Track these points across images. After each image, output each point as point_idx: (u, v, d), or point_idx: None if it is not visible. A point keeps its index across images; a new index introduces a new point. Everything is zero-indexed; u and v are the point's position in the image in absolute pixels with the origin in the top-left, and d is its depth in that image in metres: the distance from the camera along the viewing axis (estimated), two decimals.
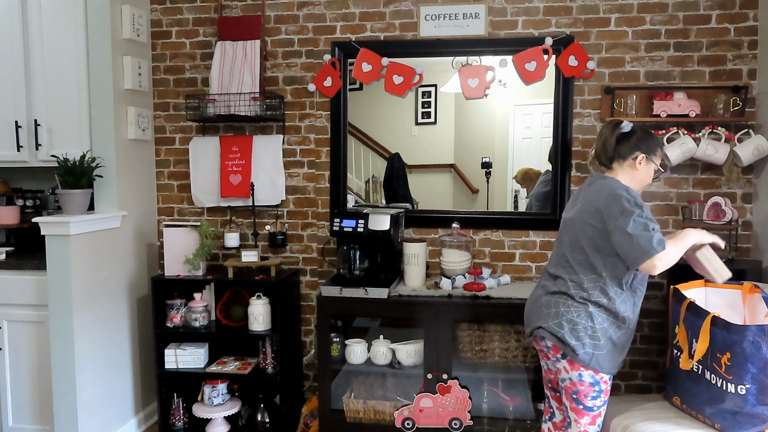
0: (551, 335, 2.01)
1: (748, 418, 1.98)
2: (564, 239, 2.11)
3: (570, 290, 2.03)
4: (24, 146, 3.03)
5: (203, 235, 3.02)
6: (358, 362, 2.83)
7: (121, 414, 3.06)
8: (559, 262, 2.11)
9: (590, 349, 1.96)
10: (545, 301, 2.08)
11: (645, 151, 2.06)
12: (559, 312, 2.02)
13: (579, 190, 2.17)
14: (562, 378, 2.04)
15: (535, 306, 2.13)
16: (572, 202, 2.17)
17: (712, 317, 2.05)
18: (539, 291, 2.17)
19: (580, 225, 2.03)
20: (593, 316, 1.98)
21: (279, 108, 3.14)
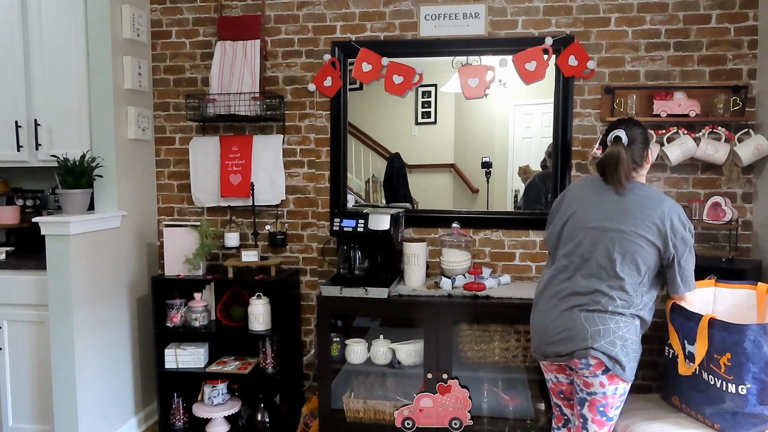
0: (603, 355, 1.90)
1: (749, 418, 1.98)
2: (602, 250, 1.95)
3: (618, 304, 1.92)
4: (24, 146, 3.03)
5: (203, 234, 3.02)
6: (358, 362, 2.83)
7: (121, 414, 3.06)
8: (597, 275, 1.95)
9: (633, 363, 1.94)
10: (587, 318, 1.94)
11: (647, 143, 2.06)
12: (609, 329, 1.91)
13: (596, 191, 2.04)
14: (592, 391, 1.96)
15: (572, 324, 1.95)
16: (605, 211, 1.99)
17: (708, 319, 2.04)
18: (570, 305, 1.98)
19: (634, 239, 1.92)
20: (638, 330, 1.97)
21: (279, 108, 3.14)
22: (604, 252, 1.95)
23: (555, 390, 2.19)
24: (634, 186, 2.00)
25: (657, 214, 1.93)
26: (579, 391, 2.01)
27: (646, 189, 2.02)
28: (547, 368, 2.15)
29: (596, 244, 1.97)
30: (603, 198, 2.02)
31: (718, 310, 2.32)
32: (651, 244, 1.92)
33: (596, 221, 1.99)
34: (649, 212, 1.93)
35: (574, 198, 2.10)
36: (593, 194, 2.05)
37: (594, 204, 2.03)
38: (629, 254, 1.92)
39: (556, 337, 1.99)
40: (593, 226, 1.99)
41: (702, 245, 2.87)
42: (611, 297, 1.93)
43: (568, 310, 1.98)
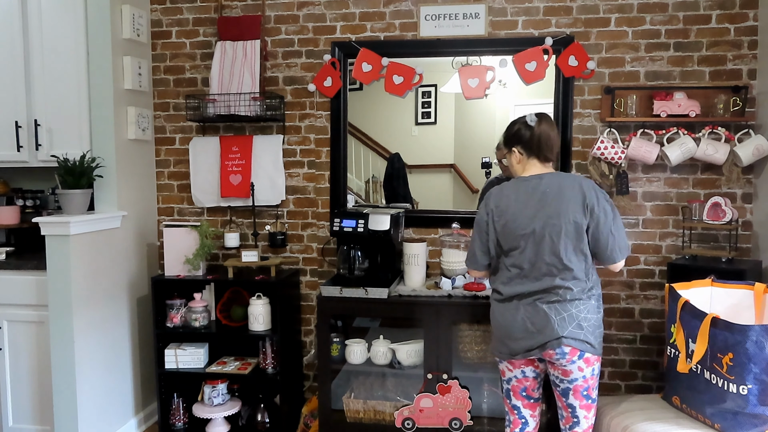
0: (574, 341, 1.98)
1: (749, 419, 1.98)
2: (546, 249, 2.01)
3: (575, 292, 2.00)
4: (24, 146, 3.03)
5: (203, 235, 3.02)
6: (358, 362, 2.83)
7: (121, 414, 3.06)
8: (548, 272, 2.01)
9: (600, 338, 2.04)
10: (550, 309, 2.00)
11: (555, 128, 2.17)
12: (572, 315, 1.99)
13: (533, 192, 2.06)
14: (573, 378, 2.03)
15: (538, 317, 2.01)
16: (531, 206, 2.05)
17: (711, 318, 2.05)
18: (531, 301, 2.04)
19: (567, 224, 1.99)
20: (596, 308, 2.05)
21: (279, 108, 3.14)
22: (548, 250, 2.01)
23: (517, 389, 2.19)
24: (558, 175, 2.10)
25: (575, 193, 2.01)
26: (559, 382, 2.07)
27: (574, 175, 2.12)
28: (513, 365, 2.14)
29: (538, 245, 2.02)
30: (523, 199, 2.07)
31: (716, 309, 2.32)
32: (578, 223, 1.99)
33: (529, 225, 2.03)
34: (569, 195, 2.01)
35: (497, 209, 2.11)
36: (513, 199, 2.09)
37: (520, 208, 2.07)
38: (570, 243, 1.99)
39: (523, 333, 2.04)
40: (529, 231, 2.03)
41: (702, 245, 2.88)
42: (567, 288, 2.00)
43: (530, 305, 2.04)
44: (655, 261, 2.96)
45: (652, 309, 2.98)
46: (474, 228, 2.20)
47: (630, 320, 3.00)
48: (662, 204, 2.95)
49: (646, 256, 2.97)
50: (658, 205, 2.95)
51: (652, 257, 2.96)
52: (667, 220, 2.95)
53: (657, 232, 2.96)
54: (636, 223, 2.97)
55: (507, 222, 2.07)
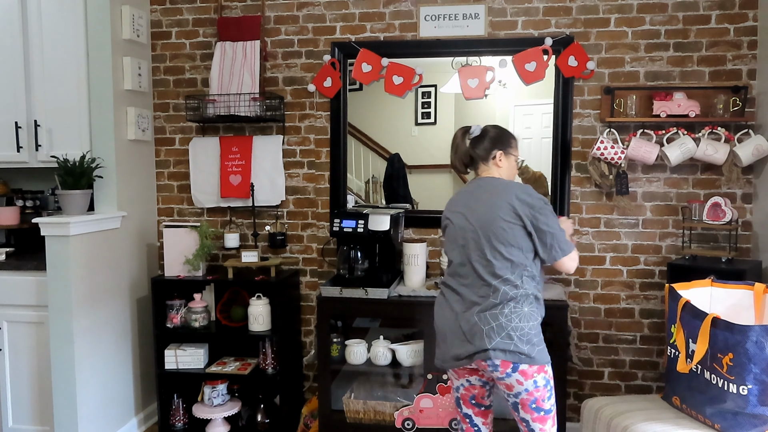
0: (502, 352, 1.90)
1: (749, 419, 1.98)
2: (474, 253, 2.00)
3: (506, 296, 1.94)
4: (24, 147, 3.03)
5: (203, 235, 3.02)
6: (358, 362, 2.82)
7: (121, 414, 3.06)
8: (480, 278, 1.98)
9: (539, 346, 1.94)
10: (481, 319, 1.94)
11: (500, 146, 2.13)
12: (501, 325, 1.91)
13: (460, 195, 2.12)
14: (516, 392, 1.96)
15: (470, 326, 1.95)
16: (460, 209, 2.08)
17: (712, 318, 2.04)
18: (465, 311, 1.98)
19: (494, 226, 1.97)
20: (531, 314, 1.96)
21: (279, 108, 3.15)
22: (465, 251, 2.02)
23: (466, 397, 2.13)
24: (488, 180, 2.11)
25: (510, 193, 2.00)
26: (506, 396, 2.00)
27: (502, 180, 2.11)
28: (458, 375, 2.09)
29: (460, 245, 2.05)
30: (464, 197, 2.11)
31: (716, 310, 2.32)
32: (509, 224, 1.97)
33: (458, 221, 2.07)
34: (502, 196, 2.00)
35: (452, 203, 2.17)
36: (459, 196, 2.14)
37: (455, 205, 2.12)
38: (489, 242, 1.97)
39: (457, 341, 1.99)
40: (459, 226, 2.07)
41: (702, 246, 2.88)
42: (492, 288, 1.95)
43: (466, 312, 1.98)
44: (655, 261, 2.96)
45: (652, 309, 2.98)
46: None
47: (630, 320, 3.00)
48: (662, 204, 2.95)
49: (646, 257, 2.97)
50: (658, 206, 2.95)
51: (652, 257, 2.96)
52: (667, 220, 2.95)
53: (657, 233, 2.96)
54: (636, 223, 2.97)
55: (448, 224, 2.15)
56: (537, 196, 2.01)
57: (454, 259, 2.08)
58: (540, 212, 1.98)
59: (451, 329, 2.02)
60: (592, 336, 3.03)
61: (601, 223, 2.99)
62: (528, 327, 1.93)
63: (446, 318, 2.05)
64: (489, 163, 2.14)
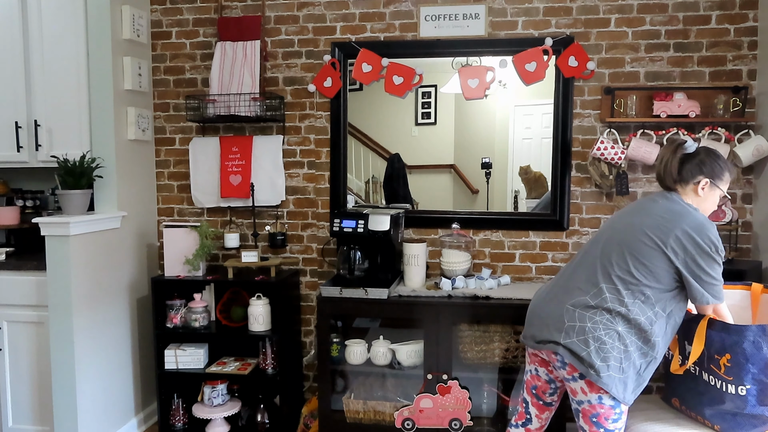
0: (572, 354, 1.82)
1: (748, 419, 1.98)
2: (602, 249, 1.92)
3: (605, 303, 1.83)
4: (24, 147, 3.03)
5: (203, 235, 3.02)
6: (358, 363, 2.83)
7: (121, 414, 3.06)
8: (592, 274, 1.90)
9: (615, 372, 1.79)
10: (569, 312, 1.87)
11: (709, 175, 1.93)
12: (585, 327, 1.82)
13: (638, 203, 2.01)
14: (579, 400, 1.88)
15: (555, 313, 1.90)
16: (627, 214, 1.99)
17: (708, 320, 2.04)
18: (560, 296, 1.93)
19: (636, 238, 1.86)
20: (623, 337, 1.81)
21: (279, 108, 3.15)
22: (596, 250, 1.96)
23: (530, 384, 2.11)
24: (667, 198, 1.95)
25: (677, 219, 1.85)
26: (571, 400, 1.95)
27: (684, 205, 1.92)
28: (531, 358, 2.08)
29: (597, 243, 1.99)
30: (637, 206, 2.01)
31: None
32: (651, 242, 1.84)
33: (611, 223, 2.02)
34: (666, 217, 1.87)
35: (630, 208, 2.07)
36: (637, 204, 2.03)
37: (626, 211, 2.02)
38: (624, 251, 1.87)
39: (538, 324, 1.97)
40: (608, 227, 2.01)
41: None
42: (600, 292, 1.86)
43: (556, 299, 1.95)
44: None
45: None
46: None
47: None
48: None
49: None
50: None
51: None
52: None
53: None
54: None
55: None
56: (707, 238, 1.83)
57: (582, 255, 2.01)
58: (696, 246, 1.82)
59: (537, 306, 2.01)
60: None
61: (602, 224, 2.99)
62: (611, 346, 1.80)
63: (540, 295, 2.05)
64: (687, 188, 1.95)
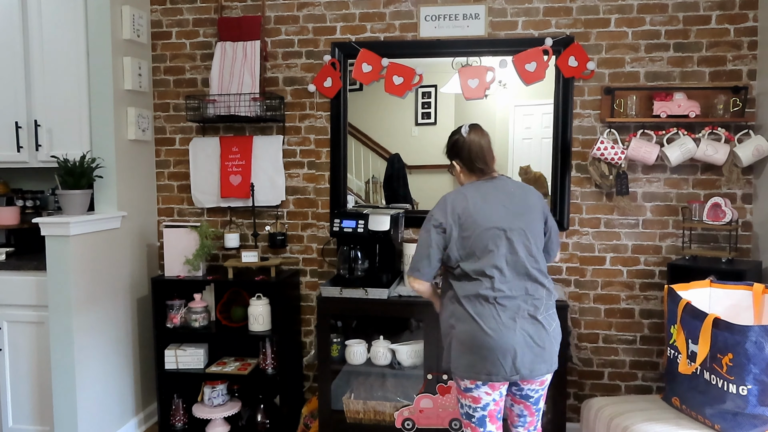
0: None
1: (749, 419, 1.98)
2: (521, 246, 1.96)
3: (552, 296, 2.01)
4: (24, 147, 3.03)
5: (203, 235, 3.02)
6: (358, 363, 2.82)
7: (121, 414, 3.06)
8: (525, 272, 1.95)
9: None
10: (546, 320, 1.95)
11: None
12: (558, 324, 2.02)
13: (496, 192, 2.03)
14: (546, 385, 2.06)
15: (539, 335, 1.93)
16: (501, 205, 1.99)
17: (713, 319, 2.04)
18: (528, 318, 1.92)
19: (536, 226, 2.03)
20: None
21: (279, 108, 3.15)
22: (516, 248, 1.96)
23: (494, 412, 2.01)
24: (510, 179, 2.14)
25: (535, 195, 2.09)
26: (533, 392, 2.03)
27: (519, 182, 2.20)
28: (493, 388, 1.96)
29: (513, 244, 1.95)
30: (503, 196, 2.03)
31: (715, 310, 2.32)
32: (540, 225, 2.05)
33: (503, 221, 1.97)
34: (533, 198, 2.07)
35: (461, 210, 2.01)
36: (493, 193, 2.04)
37: (487, 207, 2.00)
38: (535, 242, 2.00)
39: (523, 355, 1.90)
40: (504, 226, 1.96)
41: (702, 246, 2.87)
42: (544, 288, 1.99)
43: (526, 318, 1.92)
44: (655, 261, 2.96)
45: (652, 310, 2.98)
46: (424, 235, 2.04)
47: (630, 321, 3.00)
48: (662, 204, 2.95)
49: (646, 257, 2.97)
50: (658, 206, 2.95)
51: (652, 258, 2.96)
52: (667, 220, 2.95)
53: (657, 233, 2.96)
54: (636, 223, 2.97)
55: (473, 221, 1.97)
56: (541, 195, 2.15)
57: (490, 255, 1.95)
58: (547, 211, 2.13)
59: (516, 338, 1.89)
60: (592, 336, 3.03)
61: (602, 224, 2.99)
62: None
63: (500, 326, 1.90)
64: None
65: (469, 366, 1.93)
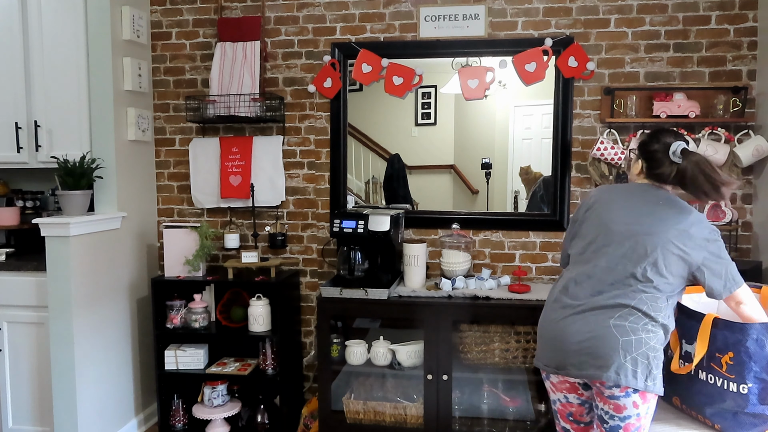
0: (625, 377, 1.73)
1: (750, 418, 1.98)
2: (632, 253, 1.81)
3: (651, 312, 1.78)
4: (24, 147, 3.03)
5: (203, 236, 3.02)
6: (358, 363, 2.82)
7: (121, 415, 3.06)
8: (624, 281, 1.80)
9: (663, 372, 1.82)
10: (617, 327, 1.76)
11: None
12: (640, 340, 1.75)
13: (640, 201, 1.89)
14: (626, 416, 1.77)
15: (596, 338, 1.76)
16: (635, 213, 1.87)
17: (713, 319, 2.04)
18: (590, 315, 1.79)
19: (664, 243, 1.79)
20: (661, 340, 1.82)
21: (279, 109, 3.15)
22: (623, 253, 1.82)
23: (564, 413, 1.97)
24: (669, 196, 1.90)
25: (690, 220, 1.82)
26: (609, 418, 1.79)
27: (683, 202, 1.89)
28: (556, 386, 1.92)
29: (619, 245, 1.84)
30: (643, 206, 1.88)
31: (722, 311, 2.32)
32: (676, 247, 1.80)
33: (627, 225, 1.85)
34: (680, 219, 1.82)
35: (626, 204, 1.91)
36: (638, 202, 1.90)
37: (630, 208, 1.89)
38: (657, 257, 1.79)
39: (568, 348, 1.80)
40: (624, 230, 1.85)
41: None
42: (642, 302, 1.78)
43: (592, 321, 1.79)
44: None
45: None
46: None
47: None
48: None
49: None
50: None
51: None
52: None
53: None
54: None
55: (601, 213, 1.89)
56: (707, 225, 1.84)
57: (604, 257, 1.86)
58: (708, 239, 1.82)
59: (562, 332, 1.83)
60: None
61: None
62: (660, 351, 1.81)
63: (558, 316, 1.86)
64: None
65: (537, 353, 1.93)
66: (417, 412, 2.72)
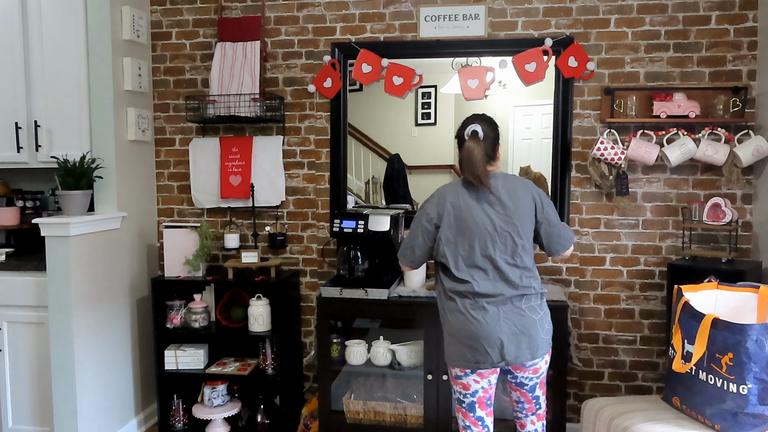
0: (548, 345, 2.09)
1: (749, 419, 1.98)
2: (508, 240, 2.03)
3: (538, 288, 2.07)
4: (24, 147, 3.03)
5: (203, 236, 3.02)
6: (358, 363, 2.82)
7: (121, 415, 3.06)
8: (511, 265, 2.03)
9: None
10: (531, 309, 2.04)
11: (498, 139, 2.21)
12: (546, 313, 2.09)
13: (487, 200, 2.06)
14: (541, 373, 2.11)
15: (532, 329, 2.02)
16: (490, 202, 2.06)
17: (712, 319, 2.04)
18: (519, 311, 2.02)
19: (525, 221, 2.06)
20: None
21: (279, 109, 3.15)
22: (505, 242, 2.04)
23: (483, 399, 2.12)
24: (504, 174, 2.16)
25: (527, 189, 2.10)
26: (528, 381, 2.11)
27: (515, 176, 2.22)
28: (482, 376, 2.07)
29: (498, 236, 2.04)
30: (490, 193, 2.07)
31: (720, 312, 2.32)
32: (530, 220, 2.08)
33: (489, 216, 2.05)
34: (524, 192, 2.08)
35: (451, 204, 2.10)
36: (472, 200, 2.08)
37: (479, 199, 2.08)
38: (523, 236, 2.05)
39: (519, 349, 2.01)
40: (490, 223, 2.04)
41: (702, 246, 2.87)
42: (531, 281, 2.05)
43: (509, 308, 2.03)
44: (655, 262, 2.96)
45: (652, 310, 2.98)
46: (414, 225, 2.18)
47: (630, 321, 3.00)
48: (662, 205, 2.95)
49: (646, 257, 2.97)
50: (658, 206, 2.95)
51: (652, 258, 2.96)
52: (667, 221, 2.95)
53: (657, 233, 2.96)
54: (636, 223, 2.97)
55: (462, 220, 2.06)
56: (539, 188, 2.15)
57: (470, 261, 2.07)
58: (544, 204, 2.12)
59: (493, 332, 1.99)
60: (592, 336, 3.03)
61: (601, 224, 2.99)
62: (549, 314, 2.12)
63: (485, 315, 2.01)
64: (495, 162, 2.18)
65: (459, 355, 2.06)
66: (417, 412, 2.72)
